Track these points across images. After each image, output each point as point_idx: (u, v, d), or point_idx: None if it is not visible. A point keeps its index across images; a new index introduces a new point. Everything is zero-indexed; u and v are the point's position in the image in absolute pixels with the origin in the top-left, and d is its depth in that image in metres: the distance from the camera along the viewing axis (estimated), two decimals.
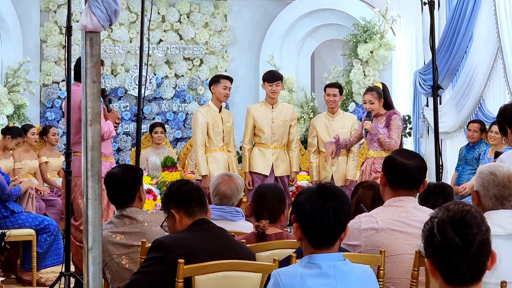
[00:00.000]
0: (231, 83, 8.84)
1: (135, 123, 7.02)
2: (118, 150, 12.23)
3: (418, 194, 4.61)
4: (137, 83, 8.41)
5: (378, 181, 4.78)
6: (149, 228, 4.77)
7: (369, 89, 8.65)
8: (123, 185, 4.85)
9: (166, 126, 11.83)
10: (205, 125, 8.70)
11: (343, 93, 9.65)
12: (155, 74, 12.54)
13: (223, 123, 8.78)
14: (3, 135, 9.76)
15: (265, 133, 8.91)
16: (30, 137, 10.06)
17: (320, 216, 3.18)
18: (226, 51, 12.98)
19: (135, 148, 8.85)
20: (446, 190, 5.30)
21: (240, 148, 9.29)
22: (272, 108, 8.95)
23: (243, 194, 5.65)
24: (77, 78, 7.30)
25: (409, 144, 11.75)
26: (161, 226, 4.58)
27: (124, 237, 4.75)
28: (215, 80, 8.81)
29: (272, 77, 8.95)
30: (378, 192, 5.23)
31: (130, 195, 4.88)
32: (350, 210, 3.30)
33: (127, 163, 11.42)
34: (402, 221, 4.26)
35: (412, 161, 4.33)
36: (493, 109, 10.55)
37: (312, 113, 12.43)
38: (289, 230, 6.88)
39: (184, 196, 4.13)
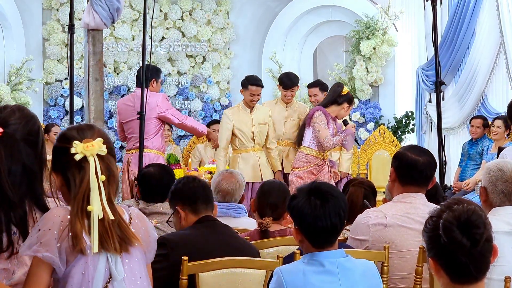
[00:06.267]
0: (262, 88, 8.61)
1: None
2: (121, 147, 12.24)
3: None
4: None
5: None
6: None
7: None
8: (159, 184, 5.12)
9: None
10: (229, 128, 8.49)
11: (327, 89, 9.36)
12: None
13: (253, 123, 8.55)
14: None
15: (275, 131, 8.83)
16: None
17: (322, 217, 3.18)
18: (228, 48, 12.97)
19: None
20: (439, 188, 5.35)
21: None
22: (286, 107, 8.87)
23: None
24: (139, 85, 7.67)
25: (412, 140, 11.74)
26: (167, 222, 4.61)
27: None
28: (244, 84, 8.58)
29: (287, 85, 8.81)
30: (368, 189, 5.26)
31: (164, 194, 5.05)
32: (347, 206, 3.32)
33: None
34: (410, 218, 4.26)
35: (423, 157, 4.32)
36: (495, 104, 10.55)
37: None
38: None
39: (190, 194, 4.14)
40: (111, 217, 2.76)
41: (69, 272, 2.73)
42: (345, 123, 8.15)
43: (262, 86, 8.61)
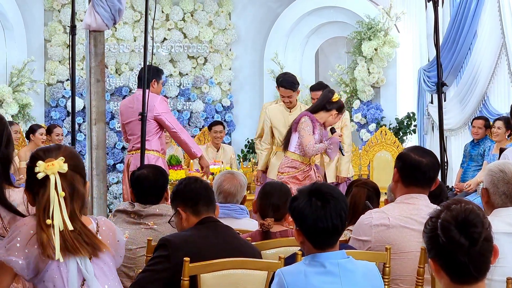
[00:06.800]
0: (293, 91, 8.43)
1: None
2: (123, 148, 12.25)
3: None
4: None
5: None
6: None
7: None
8: (153, 186, 5.10)
9: None
10: (267, 125, 8.63)
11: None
12: None
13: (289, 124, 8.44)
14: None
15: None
16: (38, 137, 10.18)
17: (323, 218, 3.18)
18: (230, 49, 12.98)
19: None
20: (444, 189, 5.33)
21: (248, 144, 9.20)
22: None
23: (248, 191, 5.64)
24: (140, 86, 7.60)
25: (413, 141, 11.74)
26: (169, 222, 4.61)
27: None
28: (276, 84, 8.65)
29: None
30: (372, 190, 5.26)
31: (159, 196, 5.12)
32: (348, 207, 3.32)
33: None
34: (413, 219, 4.25)
35: (426, 158, 4.31)
36: (497, 105, 10.55)
37: None
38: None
39: (192, 195, 4.13)
40: (70, 228, 3.00)
41: (43, 277, 3.01)
42: (332, 131, 7.95)
43: (291, 89, 8.43)
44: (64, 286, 3.00)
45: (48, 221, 2.98)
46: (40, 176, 3.03)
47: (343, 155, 8.42)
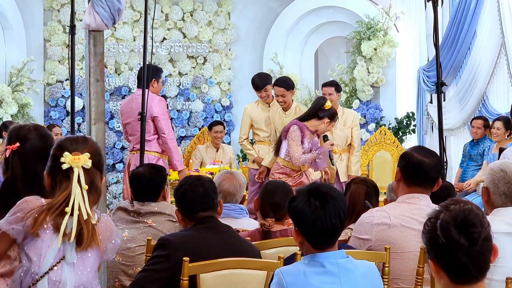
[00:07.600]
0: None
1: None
2: (122, 148, 12.25)
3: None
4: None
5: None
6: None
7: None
8: (150, 184, 5.13)
9: None
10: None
11: (343, 90, 9.26)
12: None
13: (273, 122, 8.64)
14: None
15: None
16: None
17: (322, 218, 3.18)
18: (229, 49, 12.97)
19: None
20: (452, 192, 5.32)
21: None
22: (269, 106, 8.83)
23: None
24: (139, 85, 7.69)
25: (413, 141, 11.74)
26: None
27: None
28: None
29: (258, 86, 8.74)
30: (370, 187, 5.25)
31: (156, 194, 5.13)
32: (347, 206, 3.32)
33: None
34: (414, 218, 4.26)
35: (429, 159, 4.31)
36: (496, 105, 10.55)
37: None
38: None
39: (187, 204, 4.10)
40: (93, 221, 3.21)
41: (27, 243, 3.20)
42: (325, 139, 7.90)
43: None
44: (40, 258, 3.16)
45: (67, 209, 3.15)
46: (64, 167, 3.19)
47: (333, 165, 8.34)
